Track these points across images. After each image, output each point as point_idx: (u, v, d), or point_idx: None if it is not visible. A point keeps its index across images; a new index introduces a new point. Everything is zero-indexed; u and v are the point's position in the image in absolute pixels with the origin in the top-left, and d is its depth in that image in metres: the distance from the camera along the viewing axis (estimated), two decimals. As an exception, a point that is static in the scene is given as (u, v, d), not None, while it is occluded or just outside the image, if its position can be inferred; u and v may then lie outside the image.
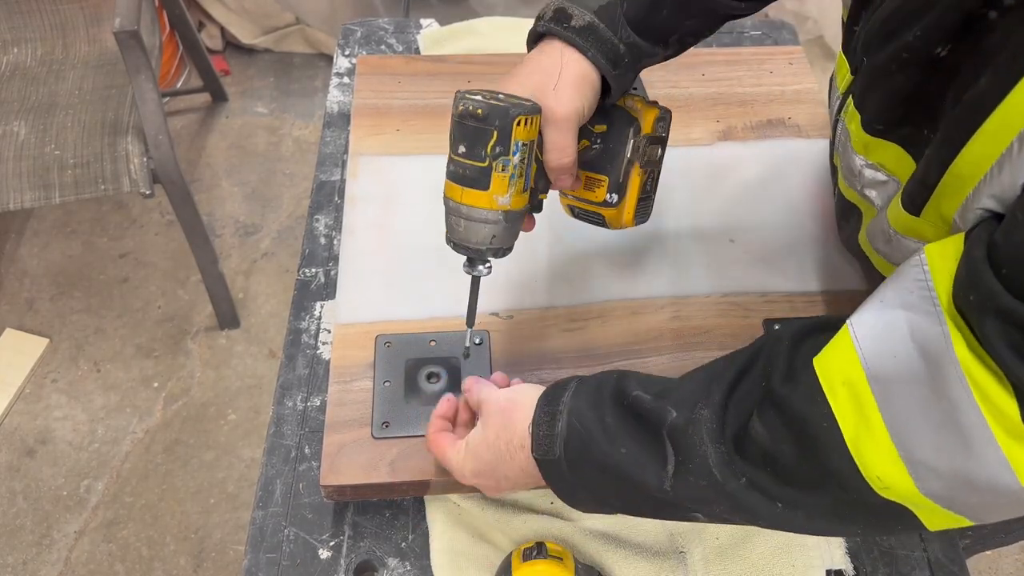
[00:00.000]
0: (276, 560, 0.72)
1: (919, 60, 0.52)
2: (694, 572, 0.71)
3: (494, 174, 0.60)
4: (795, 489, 0.50)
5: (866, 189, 0.65)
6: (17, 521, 1.61)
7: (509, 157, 0.59)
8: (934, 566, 0.73)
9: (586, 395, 0.58)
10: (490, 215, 0.62)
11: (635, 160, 0.70)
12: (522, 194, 0.63)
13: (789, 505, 0.50)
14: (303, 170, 2.20)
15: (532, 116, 0.60)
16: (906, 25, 0.53)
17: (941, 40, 0.50)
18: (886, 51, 0.55)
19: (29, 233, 2.06)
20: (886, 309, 0.47)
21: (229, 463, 1.70)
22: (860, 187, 0.66)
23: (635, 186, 0.72)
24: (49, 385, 1.80)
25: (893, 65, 0.55)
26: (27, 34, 1.79)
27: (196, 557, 1.58)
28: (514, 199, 0.62)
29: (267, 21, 2.40)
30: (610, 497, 0.59)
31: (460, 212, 0.62)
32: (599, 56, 0.63)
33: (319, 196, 0.99)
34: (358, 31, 1.20)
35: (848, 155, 0.66)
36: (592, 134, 0.70)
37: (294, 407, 0.81)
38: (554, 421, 0.58)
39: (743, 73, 1.06)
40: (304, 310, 0.88)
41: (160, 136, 1.53)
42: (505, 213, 0.62)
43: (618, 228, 0.74)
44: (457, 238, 0.64)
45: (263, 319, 1.92)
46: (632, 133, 0.70)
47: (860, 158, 0.64)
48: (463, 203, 0.62)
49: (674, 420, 0.53)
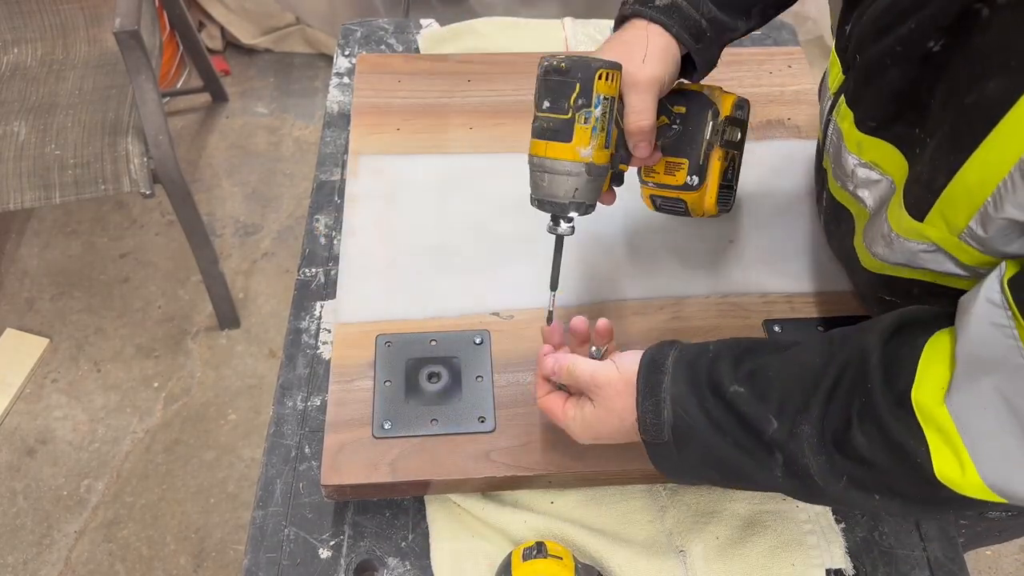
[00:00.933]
0: (276, 560, 0.72)
1: (912, 54, 0.53)
2: (694, 572, 0.71)
3: (577, 126, 0.63)
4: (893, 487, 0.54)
5: (859, 189, 0.65)
6: (17, 521, 1.61)
7: (591, 109, 0.62)
8: (934, 565, 0.73)
9: (685, 383, 0.60)
10: (573, 167, 0.64)
11: (715, 142, 0.72)
12: (604, 149, 0.65)
13: (887, 496, 0.55)
14: (303, 170, 2.20)
15: (613, 71, 0.63)
16: (900, 20, 0.53)
17: (935, 34, 0.51)
18: (880, 46, 0.56)
19: (29, 233, 2.06)
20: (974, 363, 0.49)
21: (229, 463, 1.70)
22: (852, 187, 0.66)
23: (716, 169, 0.73)
24: (49, 385, 1.80)
25: (887, 59, 0.56)
26: (27, 34, 1.79)
27: (196, 557, 1.58)
28: (596, 152, 0.64)
29: (267, 21, 2.40)
30: (712, 475, 0.62)
31: (544, 167, 0.65)
32: (683, 32, 0.67)
33: (319, 196, 0.99)
34: (358, 31, 1.20)
35: (841, 155, 0.67)
36: (672, 113, 0.72)
37: (294, 407, 0.81)
38: (659, 409, 0.60)
39: (743, 74, 1.06)
40: (304, 310, 0.88)
41: (160, 136, 1.53)
42: (587, 166, 0.64)
43: (700, 215, 0.76)
44: (542, 194, 0.66)
45: (263, 319, 1.92)
46: (711, 115, 0.71)
47: (854, 157, 0.65)
48: (547, 156, 0.64)
49: (775, 432, 0.56)
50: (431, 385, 0.77)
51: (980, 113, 0.46)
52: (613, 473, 0.74)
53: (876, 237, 0.64)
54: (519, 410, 0.76)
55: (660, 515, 0.74)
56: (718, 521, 0.74)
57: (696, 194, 0.73)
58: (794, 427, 0.56)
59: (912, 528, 0.75)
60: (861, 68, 0.61)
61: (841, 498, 0.56)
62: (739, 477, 0.61)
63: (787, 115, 1.02)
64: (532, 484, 0.75)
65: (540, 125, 0.64)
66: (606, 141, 0.65)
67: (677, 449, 0.60)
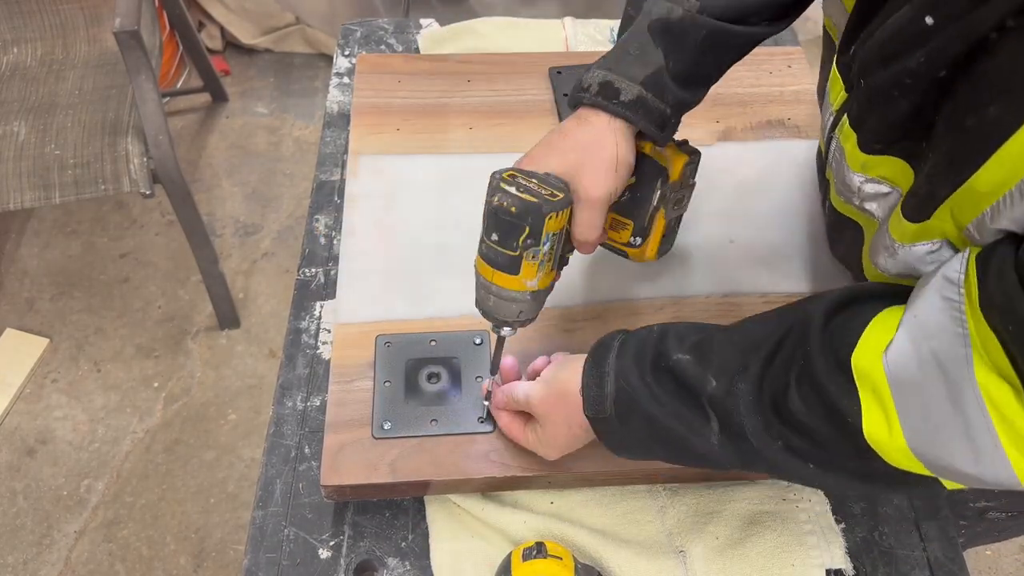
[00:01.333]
0: (276, 560, 0.72)
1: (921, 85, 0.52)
2: (694, 572, 0.71)
3: (524, 262, 0.62)
4: (827, 455, 0.55)
5: (866, 203, 0.65)
6: (17, 521, 1.61)
7: (539, 247, 0.62)
8: (934, 565, 0.73)
9: (631, 356, 0.62)
10: (518, 295, 0.65)
11: (661, 206, 0.73)
12: (549, 274, 0.66)
13: (821, 466, 0.56)
14: (303, 170, 2.20)
15: (563, 210, 0.62)
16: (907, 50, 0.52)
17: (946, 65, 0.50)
18: (886, 74, 0.55)
19: (29, 233, 2.06)
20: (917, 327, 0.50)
21: (229, 463, 1.70)
22: (859, 202, 0.66)
23: (659, 228, 0.74)
24: (49, 385, 1.80)
25: (895, 91, 0.55)
26: (27, 34, 1.79)
27: (196, 557, 1.58)
28: (541, 280, 0.65)
29: (267, 21, 2.40)
30: (657, 449, 0.63)
31: (490, 290, 0.65)
32: (649, 126, 0.66)
33: (319, 196, 0.99)
34: (358, 31, 1.20)
35: (844, 173, 0.66)
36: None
37: (294, 407, 0.81)
38: (603, 383, 0.62)
39: (743, 74, 1.06)
40: (304, 310, 0.88)
41: (160, 136, 1.53)
42: (533, 293, 0.65)
43: (640, 262, 0.77)
44: (485, 309, 0.67)
45: (263, 319, 1.92)
46: (660, 183, 0.72)
47: (859, 176, 0.64)
48: (493, 283, 0.64)
49: (713, 390, 0.57)
50: (431, 385, 0.77)
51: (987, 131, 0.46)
52: (613, 473, 0.74)
53: (879, 248, 0.63)
54: (519, 410, 0.76)
55: (660, 515, 0.75)
56: (718, 521, 0.74)
57: (638, 250, 0.75)
58: (732, 386, 0.57)
59: (912, 528, 0.75)
60: (865, 93, 0.60)
61: (776, 463, 0.57)
62: (679, 449, 0.61)
63: (787, 115, 1.02)
64: (532, 484, 0.75)
65: (487, 252, 0.63)
66: (552, 267, 0.65)
67: (620, 423, 0.62)
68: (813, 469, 0.56)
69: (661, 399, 0.60)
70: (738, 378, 0.57)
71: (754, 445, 0.56)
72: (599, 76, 0.66)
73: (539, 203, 0.60)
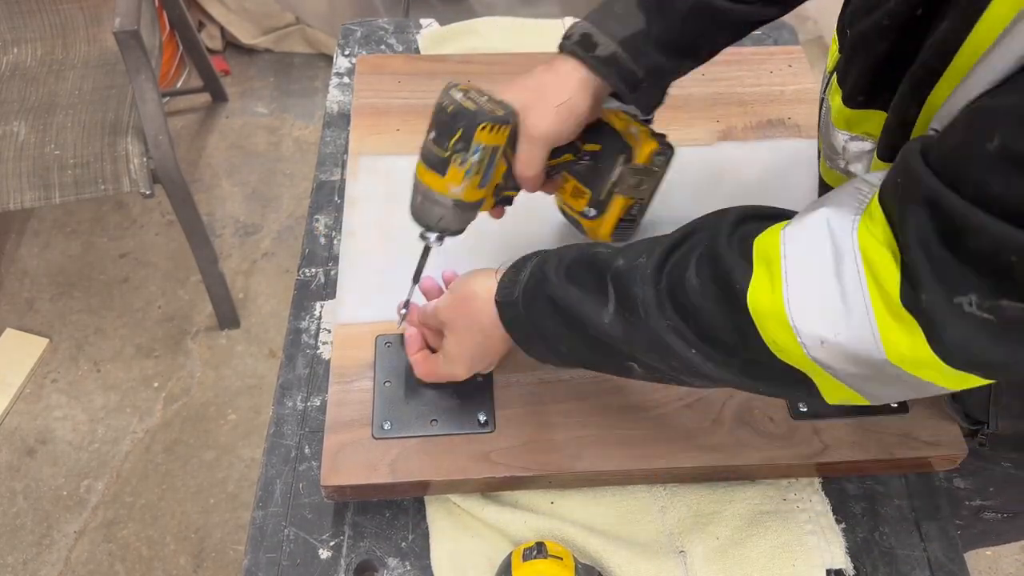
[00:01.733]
0: (276, 560, 0.72)
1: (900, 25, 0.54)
2: (694, 572, 0.71)
3: (452, 166, 0.65)
4: (710, 343, 0.55)
5: (851, 165, 0.66)
6: (17, 521, 1.61)
7: (468, 155, 0.64)
8: (934, 566, 0.73)
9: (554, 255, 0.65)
10: (442, 199, 0.67)
11: (620, 185, 0.73)
12: (478, 189, 0.67)
13: (703, 355, 0.56)
14: (303, 170, 2.20)
15: (499, 125, 0.64)
16: None
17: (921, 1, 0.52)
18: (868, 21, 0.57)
19: (29, 233, 2.06)
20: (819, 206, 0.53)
21: (229, 463, 1.70)
22: (844, 164, 0.66)
23: (616, 208, 0.75)
24: (49, 385, 1.80)
25: (874, 33, 0.57)
26: (27, 34, 1.79)
27: (196, 557, 1.58)
28: (467, 192, 0.66)
29: (267, 21, 2.40)
30: (559, 340, 0.63)
31: (419, 189, 0.68)
32: (618, 82, 0.68)
33: (319, 196, 0.99)
34: (358, 31, 1.20)
35: (830, 133, 0.67)
36: (580, 151, 0.73)
37: (294, 407, 0.81)
38: (520, 270, 0.65)
39: (743, 73, 1.06)
40: (304, 310, 0.88)
41: (160, 136, 1.53)
42: (456, 202, 0.67)
43: (594, 239, 0.77)
44: (414, 210, 0.69)
45: (263, 319, 1.92)
46: (622, 160, 0.73)
47: (843, 134, 0.65)
48: (422, 181, 0.67)
49: (619, 267, 0.60)
50: (431, 386, 0.77)
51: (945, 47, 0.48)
52: (613, 473, 0.74)
53: None
54: (519, 410, 0.76)
55: (660, 515, 0.74)
56: (718, 521, 0.74)
57: (592, 223, 0.76)
58: (635, 261, 0.59)
59: (912, 528, 0.75)
60: (850, 44, 0.62)
61: (661, 342, 0.56)
62: (575, 330, 0.61)
63: (787, 115, 1.02)
64: (532, 484, 0.75)
65: (425, 150, 0.66)
66: (481, 182, 0.66)
67: (525, 307, 0.64)
68: (695, 355, 0.56)
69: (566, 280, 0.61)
70: (644, 256, 0.59)
71: (643, 318, 0.57)
72: (582, 27, 0.69)
73: (475, 111, 0.63)
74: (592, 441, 0.74)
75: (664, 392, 0.77)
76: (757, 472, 0.75)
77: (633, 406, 0.77)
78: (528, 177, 0.70)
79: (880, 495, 0.77)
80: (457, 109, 0.63)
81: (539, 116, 0.67)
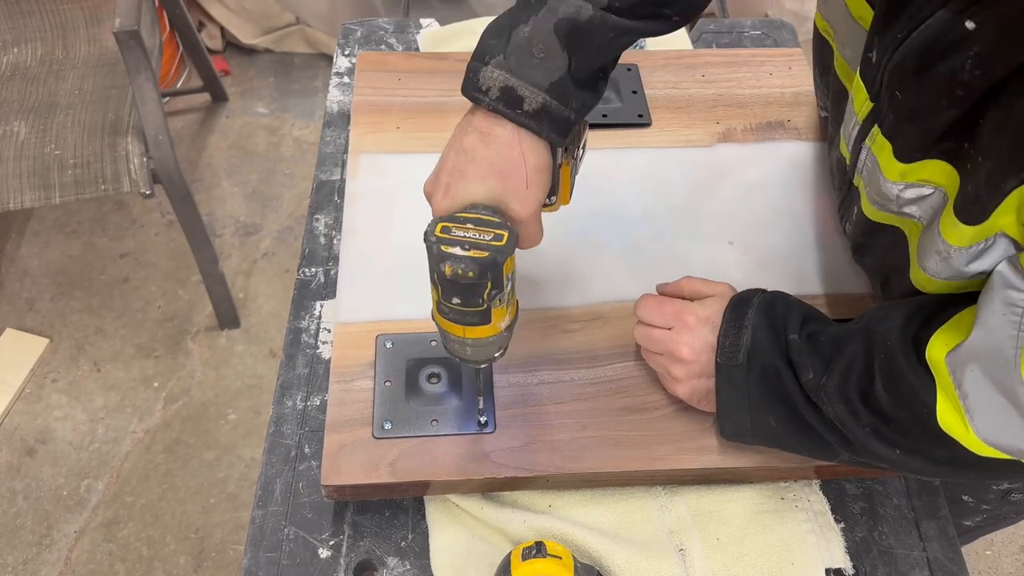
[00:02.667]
0: (276, 559, 0.72)
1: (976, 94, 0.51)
2: (694, 571, 0.71)
3: (494, 311, 0.61)
4: (912, 441, 0.60)
5: (905, 208, 0.64)
6: (17, 521, 1.61)
7: (504, 292, 0.60)
8: (934, 566, 0.73)
9: (764, 316, 0.70)
10: (495, 338, 0.64)
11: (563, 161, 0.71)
12: (515, 303, 0.65)
13: (906, 452, 0.61)
14: (303, 170, 2.20)
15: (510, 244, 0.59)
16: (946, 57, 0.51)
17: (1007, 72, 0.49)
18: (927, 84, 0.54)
19: (29, 233, 2.06)
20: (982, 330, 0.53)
21: (229, 463, 1.70)
22: (898, 208, 0.64)
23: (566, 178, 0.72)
24: (49, 385, 1.80)
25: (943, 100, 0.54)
26: (27, 34, 1.79)
27: (196, 557, 1.58)
28: (512, 313, 0.64)
29: (267, 21, 2.40)
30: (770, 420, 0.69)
31: (466, 343, 0.64)
32: (552, 134, 0.63)
33: (319, 196, 0.99)
34: (358, 31, 1.20)
35: (879, 183, 0.65)
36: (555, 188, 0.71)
37: (294, 407, 0.81)
38: (740, 334, 0.69)
39: (743, 75, 1.06)
40: (304, 310, 0.89)
41: (160, 136, 1.53)
42: (508, 327, 0.64)
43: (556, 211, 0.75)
44: (463, 357, 0.66)
45: (263, 319, 1.92)
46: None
47: (897, 185, 0.63)
48: (467, 338, 0.63)
49: (809, 380, 0.65)
50: (431, 386, 0.77)
51: None
52: (613, 474, 0.74)
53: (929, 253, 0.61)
54: (519, 411, 0.76)
55: (660, 515, 0.75)
56: (718, 520, 0.74)
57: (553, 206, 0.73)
58: (822, 379, 0.63)
59: (912, 528, 0.75)
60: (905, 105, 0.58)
61: (866, 446, 0.62)
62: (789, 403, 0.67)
63: (787, 117, 1.02)
64: (532, 485, 0.75)
65: (452, 315, 0.61)
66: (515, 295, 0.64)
67: (746, 372, 0.68)
68: (900, 455, 0.61)
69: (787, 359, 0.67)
70: (827, 376, 0.63)
71: (840, 429, 0.62)
72: (500, 79, 0.62)
73: (492, 256, 0.57)
74: (592, 442, 0.74)
75: (664, 394, 0.77)
76: (755, 475, 0.75)
77: (633, 408, 0.77)
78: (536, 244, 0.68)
79: (879, 494, 0.77)
80: (477, 269, 0.57)
81: (520, 201, 0.63)
